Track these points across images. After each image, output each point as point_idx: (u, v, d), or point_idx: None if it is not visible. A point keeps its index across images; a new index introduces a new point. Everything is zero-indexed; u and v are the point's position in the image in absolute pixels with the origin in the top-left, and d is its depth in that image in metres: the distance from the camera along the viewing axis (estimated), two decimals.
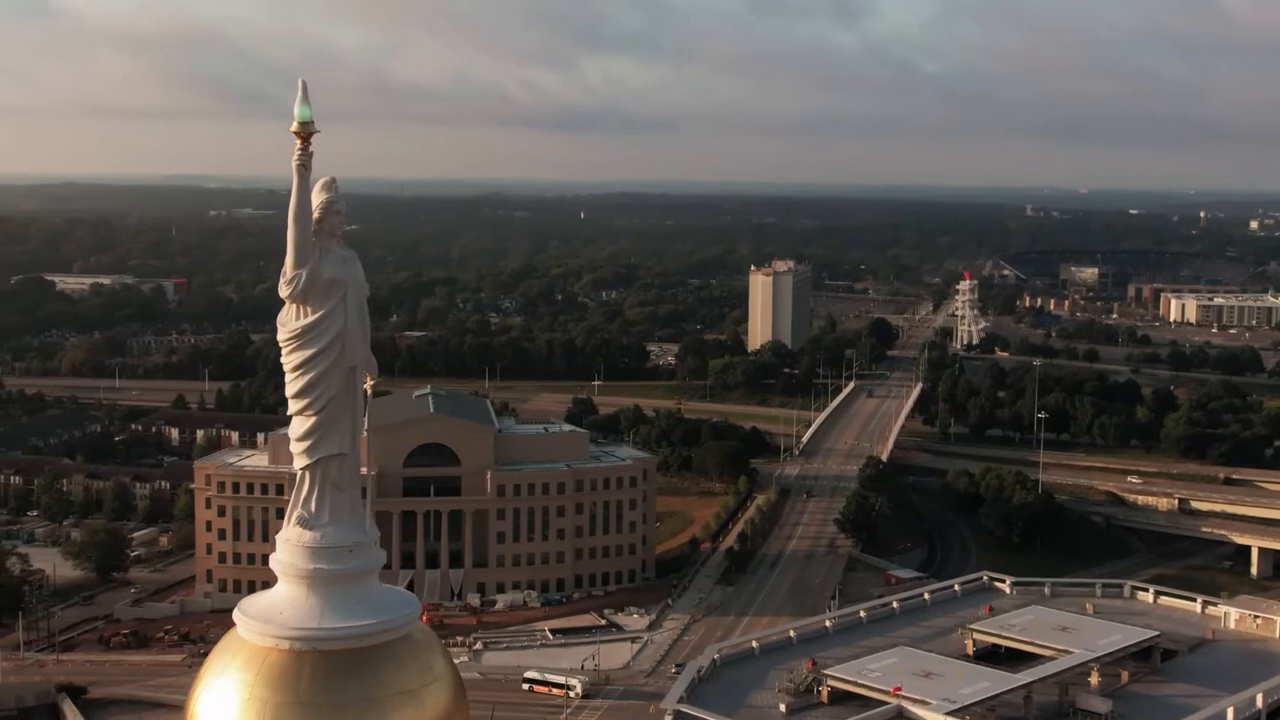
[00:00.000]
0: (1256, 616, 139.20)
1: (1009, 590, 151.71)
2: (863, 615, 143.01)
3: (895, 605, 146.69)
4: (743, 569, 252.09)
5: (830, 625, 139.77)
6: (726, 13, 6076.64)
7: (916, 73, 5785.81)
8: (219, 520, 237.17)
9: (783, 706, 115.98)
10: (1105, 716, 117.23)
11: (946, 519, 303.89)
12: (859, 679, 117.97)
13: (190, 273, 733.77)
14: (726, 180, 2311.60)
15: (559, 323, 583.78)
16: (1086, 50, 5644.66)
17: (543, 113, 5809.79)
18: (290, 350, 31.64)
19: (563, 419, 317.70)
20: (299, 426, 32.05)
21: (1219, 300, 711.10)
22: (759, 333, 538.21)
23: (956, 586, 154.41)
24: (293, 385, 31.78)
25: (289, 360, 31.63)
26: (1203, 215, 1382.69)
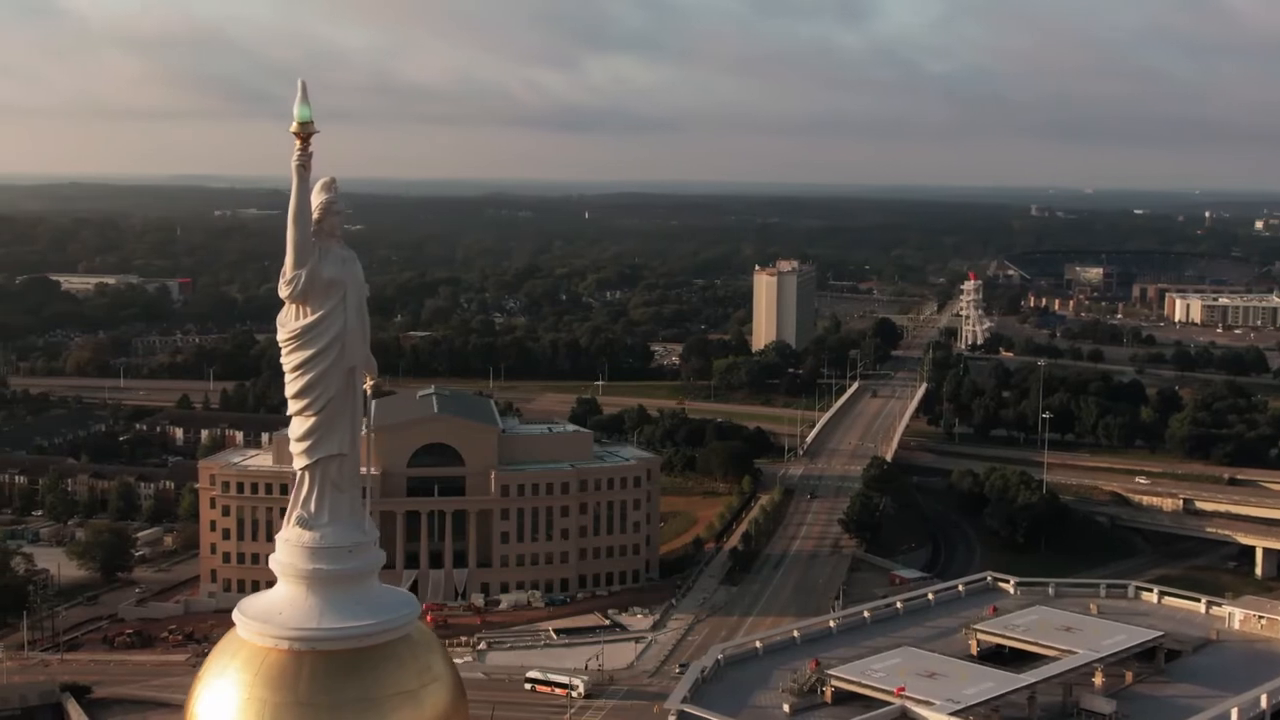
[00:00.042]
0: (1261, 617, 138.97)
1: (1013, 590, 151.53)
2: (866, 615, 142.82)
3: (899, 605, 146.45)
4: (747, 569, 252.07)
5: (834, 625, 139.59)
6: (731, 12, 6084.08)
7: (921, 73, 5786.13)
8: (223, 520, 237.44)
9: (786, 707, 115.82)
10: (1109, 717, 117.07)
11: (951, 519, 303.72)
12: (863, 679, 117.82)
13: (195, 273, 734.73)
14: (731, 180, 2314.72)
15: (563, 323, 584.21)
16: (1092, 50, 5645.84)
17: (547, 113, 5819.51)
18: (290, 350, 31.65)
19: (567, 419, 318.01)
20: (299, 427, 32.06)
21: (1224, 300, 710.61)
22: (763, 333, 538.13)
23: (960, 587, 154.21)
24: (292, 385, 31.80)
25: (289, 360, 31.64)
26: (1208, 215, 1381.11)
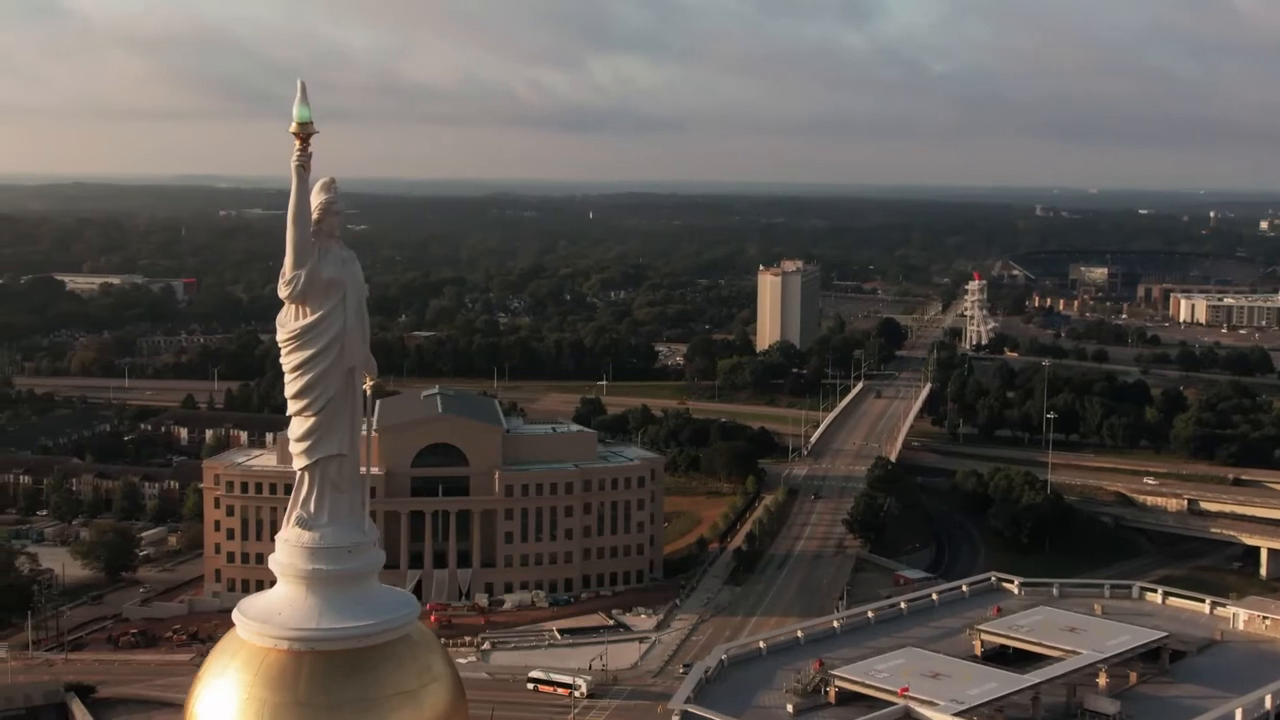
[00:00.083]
0: (1265, 617, 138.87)
1: (1017, 591, 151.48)
2: (870, 616, 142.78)
3: (903, 606, 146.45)
4: (750, 569, 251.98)
5: (838, 626, 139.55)
6: (735, 12, 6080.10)
7: (926, 73, 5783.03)
8: (227, 520, 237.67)
9: (790, 707, 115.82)
10: (1113, 717, 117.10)
11: (955, 519, 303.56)
12: (866, 679, 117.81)
13: (200, 273, 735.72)
14: (735, 180, 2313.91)
15: (567, 323, 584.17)
16: (1096, 50, 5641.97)
17: (551, 113, 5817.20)
18: (289, 351, 31.63)
19: (571, 419, 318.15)
20: (298, 427, 32.05)
21: (1229, 300, 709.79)
22: (767, 333, 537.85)
23: (964, 587, 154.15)
24: (292, 386, 31.78)
25: (288, 361, 31.62)
26: (1213, 215, 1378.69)
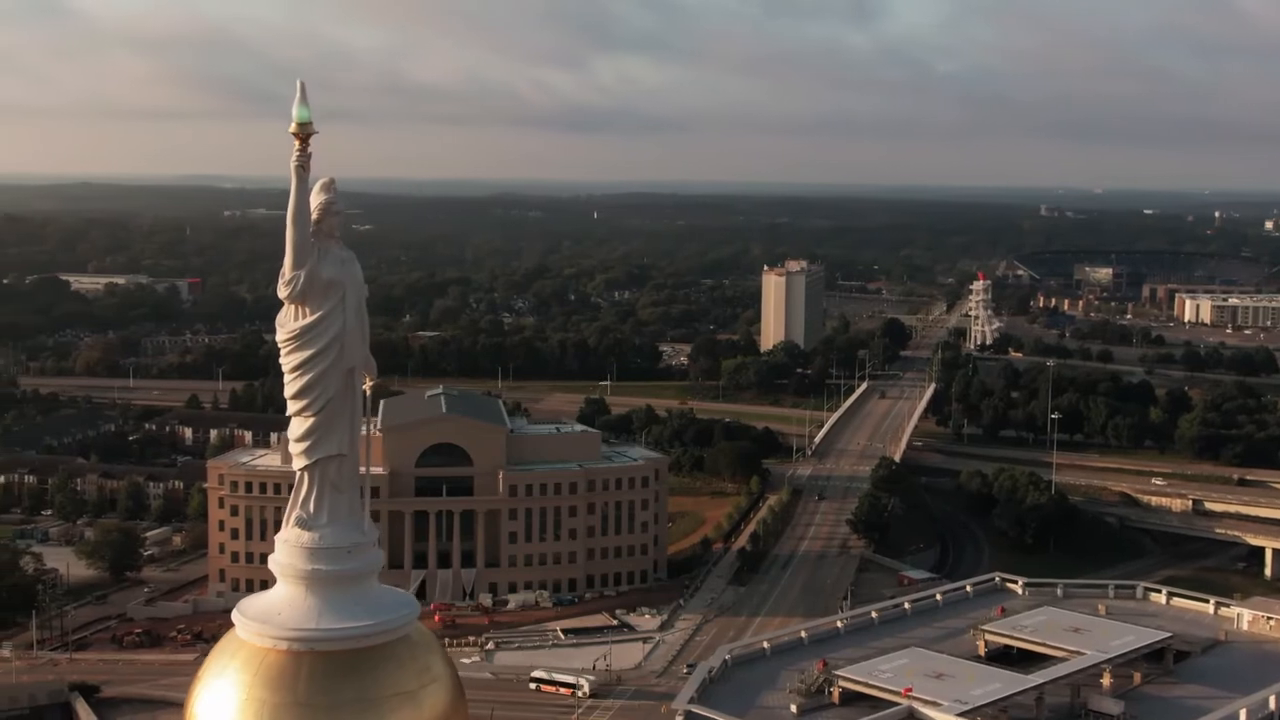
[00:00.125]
0: (1269, 618, 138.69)
1: (1021, 591, 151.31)
2: (874, 616, 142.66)
3: (907, 606, 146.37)
4: (755, 569, 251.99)
5: (842, 626, 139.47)
6: (739, 13, 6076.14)
7: (930, 73, 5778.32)
8: (232, 520, 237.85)
9: (794, 707, 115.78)
10: (1117, 718, 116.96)
11: (959, 520, 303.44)
12: (870, 680, 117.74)
13: (204, 273, 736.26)
14: (739, 180, 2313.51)
15: (572, 323, 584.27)
16: (1101, 50, 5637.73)
17: (555, 113, 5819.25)
18: (289, 351, 31.59)
19: (575, 419, 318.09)
20: (298, 427, 32.01)
21: (1234, 301, 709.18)
22: (772, 333, 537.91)
23: (968, 587, 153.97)
24: (291, 386, 31.71)
25: (288, 361, 31.57)
26: (1218, 215, 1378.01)
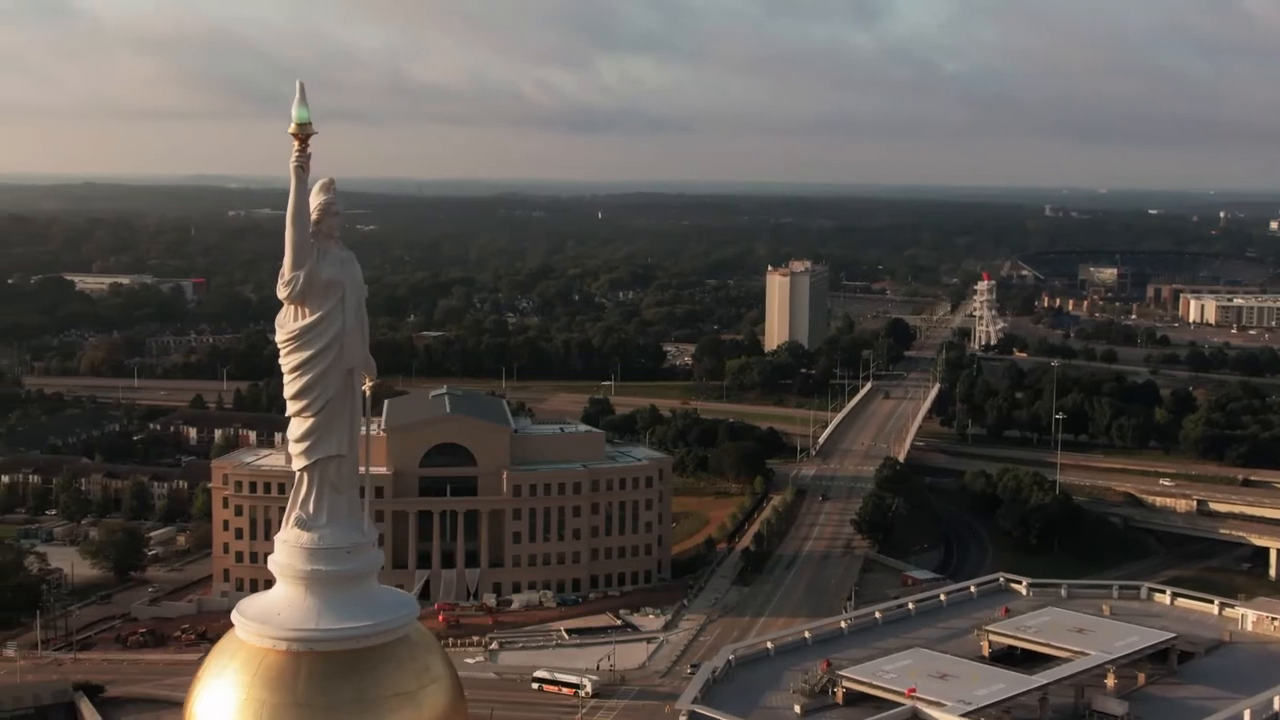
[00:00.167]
0: (1274, 618, 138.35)
1: (1025, 592, 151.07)
2: (878, 616, 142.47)
3: (911, 606, 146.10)
4: (759, 570, 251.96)
5: (845, 626, 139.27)
6: (743, 13, 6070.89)
7: (935, 73, 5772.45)
8: (236, 519, 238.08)
9: (797, 708, 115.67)
10: (1121, 719, 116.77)
11: (963, 520, 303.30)
12: (874, 680, 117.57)
13: (209, 273, 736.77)
14: (744, 180, 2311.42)
15: (576, 323, 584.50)
16: (1106, 50, 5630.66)
17: (559, 113, 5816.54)
18: (288, 351, 31.58)
19: (579, 419, 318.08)
20: (297, 427, 32.01)
21: (1238, 301, 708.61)
22: (776, 333, 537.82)
23: (972, 588, 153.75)
24: (291, 386, 31.70)
25: (287, 361, 31.56)
26: (1222, 215, 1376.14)
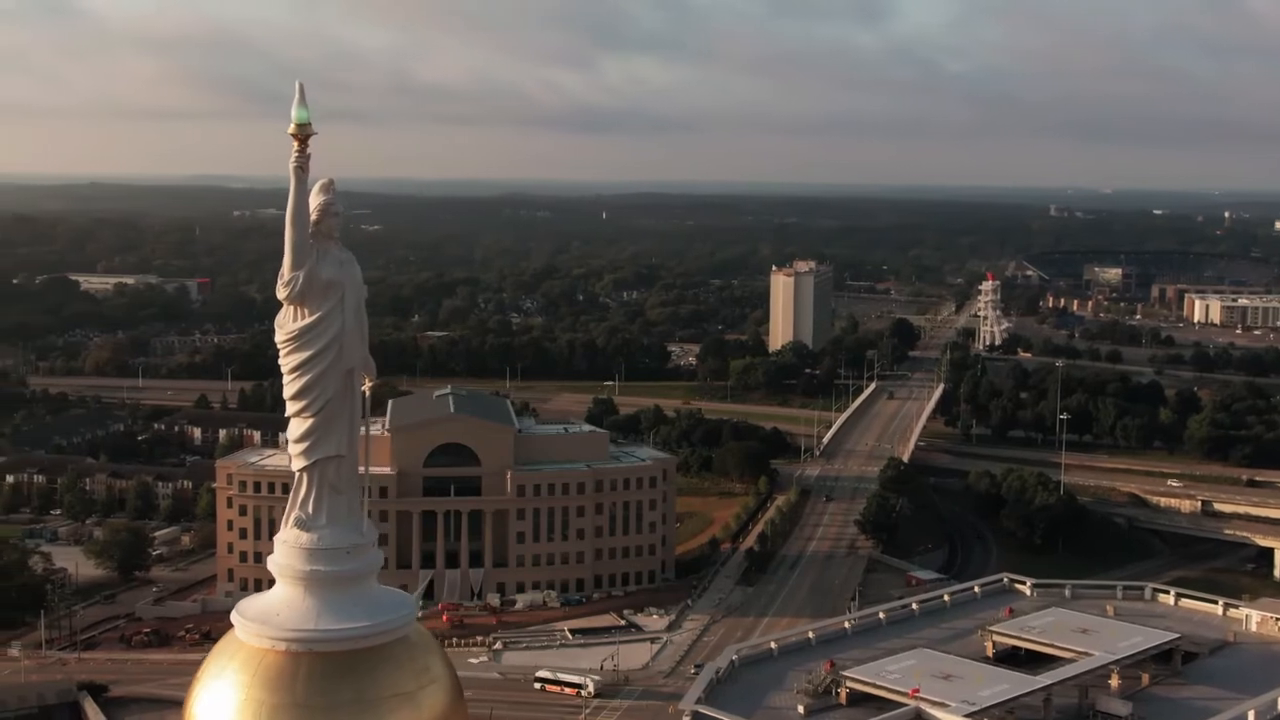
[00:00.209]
0: (1279, 619, 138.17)
1: (1029, 592, 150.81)
2: (882, 617, 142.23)
3: (915, 607, 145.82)
4: (762, 570, 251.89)
5: (849, 626, 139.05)
6: (748, 13, 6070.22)
7: (939, 73, 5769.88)
8: (240, 519, 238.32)
9: (801, 708, 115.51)
10: (1125, 719, 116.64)
11: (968, 520, 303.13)
12: (877, 680, 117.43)
13: (214, 273, 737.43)
14: (748, 180, 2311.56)
15: (580, 323, 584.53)
16: (1111, 50, 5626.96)
17: (564, 113, 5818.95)
18: (288, 352, 31.57)
19: (583, 419, 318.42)
20: (297, 428, 32.00)
21: (1243, 301, 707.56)
22: (780, 333, 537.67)
23: (976, 588, 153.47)
24: (290, 387, 31.68)
25: (287, 362, 31.55)
26: (1227, 216, 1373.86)
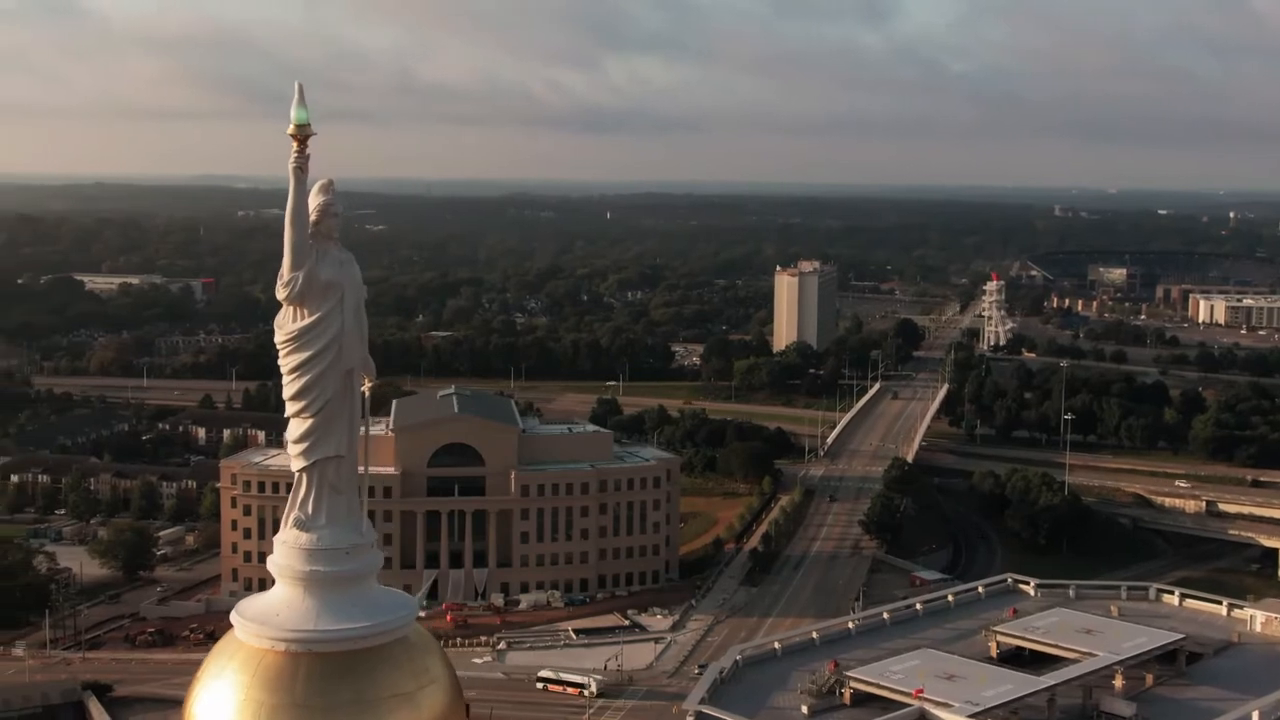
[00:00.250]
0: None
1: (1033, 592, 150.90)
2: (886, 617, 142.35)
3: (919, 607, 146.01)
4: (767, 570, 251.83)
5: (853, 627, 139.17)
6: (752, 13, 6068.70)
7: (943, 73, 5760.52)
8: (244, 519, 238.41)
9: (804, 708, 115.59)
10: None
11: (972, 521, 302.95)
12: (881, 681, 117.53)
13: (218, 273, 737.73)
14: (752, 180, 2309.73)
15: (584, 323, 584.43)
16: (1115, 50, 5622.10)
17: (568, 113, 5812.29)
18: (287, 352, 31.57)
19: (587, 419, 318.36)
20: (296, 428, 32.00)
21: (1248, 301, 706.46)
22: (784, 333, 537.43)
23: (980, 588, 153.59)
24: (290, 387, 31.68)
25: (286, 362, 31.55)
26: (1232, 216, 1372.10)
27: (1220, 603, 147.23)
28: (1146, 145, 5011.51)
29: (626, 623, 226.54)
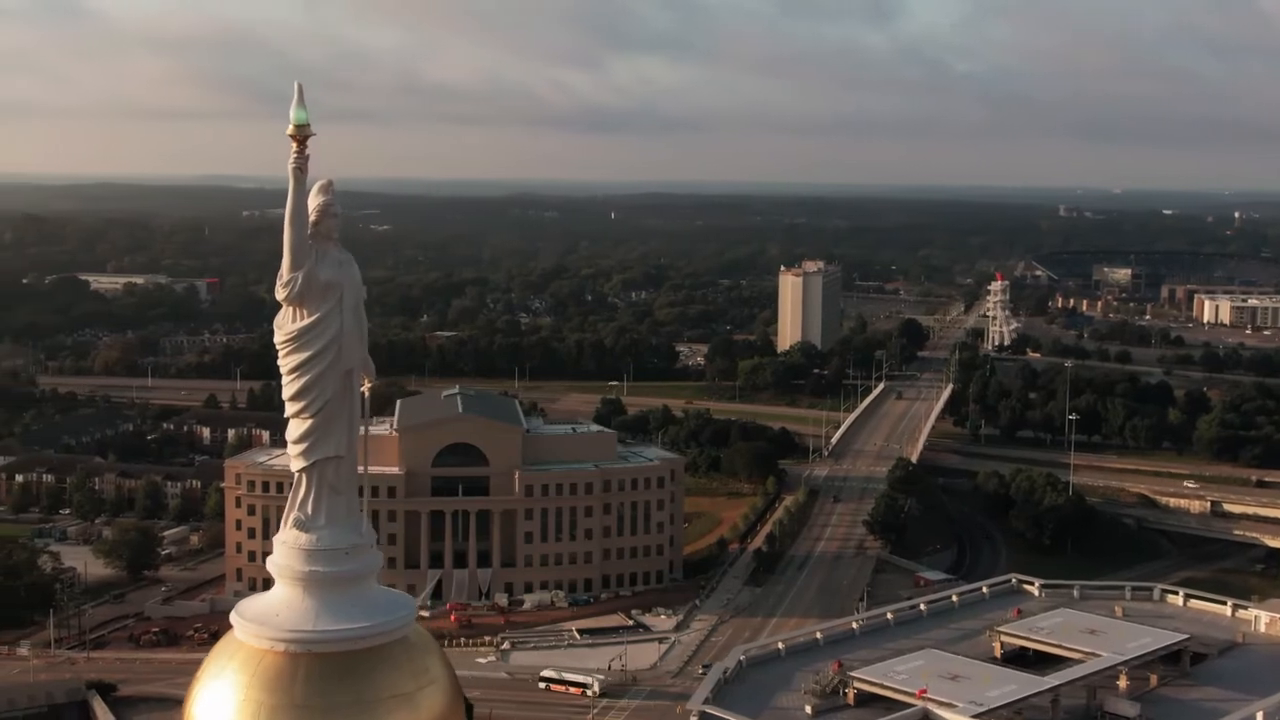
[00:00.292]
0: None
1: (1037, 593, 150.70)
2: (890, 617, 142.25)
3: (923, 607, 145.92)
4: (771, 570, 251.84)
5: (857, 627, 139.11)
6: (757, 13, 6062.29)
7: (948, 73, 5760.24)
8: (249, 519, 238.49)
9: (808, 708, 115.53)
10: None
11: (976, 521, 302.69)
12: (885, 681, 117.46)
13: (223, 272, 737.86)
14: (757, 180, 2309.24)
15: (588, 323, 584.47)
16: (1120, 50, 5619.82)
17: (573, 113, 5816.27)
18: (287, 353, 31.56)
19: (591, 419, 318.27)
20: (296, 429, 32.01)
21: (1253, 301, 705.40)
22: (789, 333, 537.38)
23: (985, 589, 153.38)
24: (289, 387, 31.68)
25: (286, 363, 31.54)
26: (1238, 216, 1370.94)
27: (1225, 603, 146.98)
28: (1151, 145, 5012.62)
29: (630, 623, 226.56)
